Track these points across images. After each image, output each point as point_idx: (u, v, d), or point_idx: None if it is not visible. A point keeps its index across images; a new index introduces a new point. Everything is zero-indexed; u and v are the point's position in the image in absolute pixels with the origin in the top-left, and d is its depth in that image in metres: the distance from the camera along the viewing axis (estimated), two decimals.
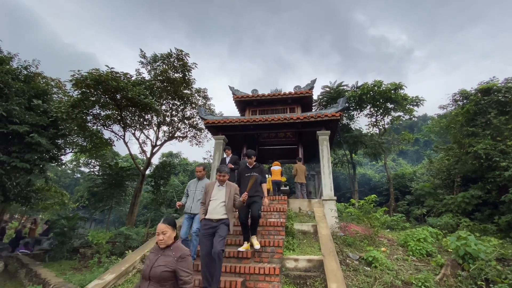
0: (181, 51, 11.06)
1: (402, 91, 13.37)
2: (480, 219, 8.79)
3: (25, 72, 10.71)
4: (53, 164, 12.48)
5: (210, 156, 18.56)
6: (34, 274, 6.99)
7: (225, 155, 7.38)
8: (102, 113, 10.73)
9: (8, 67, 9.69)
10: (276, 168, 9.79)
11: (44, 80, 11.72)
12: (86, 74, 8.94)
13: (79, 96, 9.46)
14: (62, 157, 12.02)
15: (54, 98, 11.25)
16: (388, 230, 8.57)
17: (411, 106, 13.80)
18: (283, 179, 12.13)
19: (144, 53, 11.38)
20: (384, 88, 13.19)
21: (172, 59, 11.19)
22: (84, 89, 9.20)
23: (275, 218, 6.47)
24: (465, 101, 11.40)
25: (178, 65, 11.24)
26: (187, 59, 11.26)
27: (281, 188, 10.67)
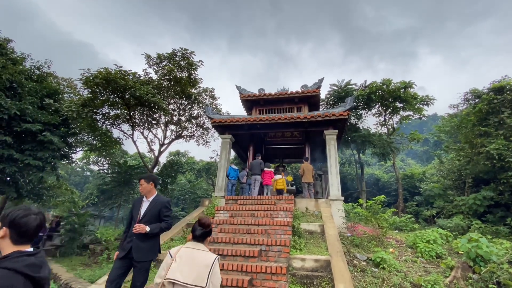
0: (186, 49, 11.08)
1: (411, 90, 13.13)
2: (492, 221, 8.59)
3: (38, 72, 10.96)
4: (64, 162, 12.76)
5: (217, 155, 18.67)
6: None
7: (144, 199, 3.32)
8: (111, 112, 10.89)
9: (21, 67, 9.94)
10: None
11: (55, 80, 11.98)
12: (96, 72, 9.09)
13: (89, 95, 9.63)
14: (73, 155, 12.28)
15: (65, 98, 11.49)
16: (397, 231, 8.45)
17: (420, 105, 13.54)
18: (290, 178, 12.11)
19: (149, 54, 11.43)
20: (393, 87, 12.98)
21: (177, 58, 11.22)
22: (93, 88, 9.36)
23: (281, 218, 6.47)
24: (477, 100, 11.13)
25: (183, 64, 11.26)
26: (192, 58, 11.28)
27: (288, 188, 10.66)
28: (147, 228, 2.97)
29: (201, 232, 2.16)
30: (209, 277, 1.91)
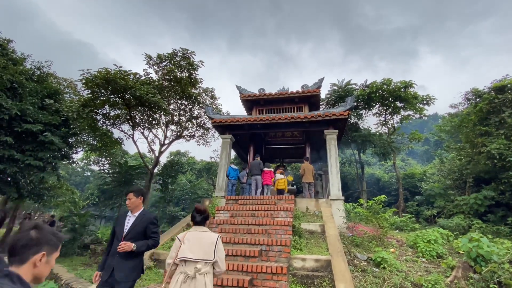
0: (186, 49, 11.10)
1: (412, 89, 13.12)
2: (493, 220, 8.58)
3: (38, 73, 10.99)
4: (65, 162, 12.79)
5: (217, 155, 18.67)
6: None
7: (129, 214, 3.05)
8: (112, 113, 10.90)
9: (22, 67, 9.96)
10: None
11: (56, 80, 12.01)
12: (96, 73, 9.10)
13: (89, 95, 9.64)
14: (73, 155, 12.30)
15: (66, 98, 11.51)
16: (397, 231, 8.44)
17: (421, 105, 13.52)
18: (290, 178, 12.10)
19: (149, 55, 11.43)
20: (393, 87, 12.96)
21: (177, 58, 11.23)
22: (93, 88, 9.37)
23: (282, 217, 6.46)
24: (477, 99, 11.11)
25: (184, 64, 11.27)
26: (192, 58, 11.28)
27: (288, 188, 10.64)
28: (133, 246, 2.69)
29: (201, 218, 2.51)
30: (215, 251, 2.28)
